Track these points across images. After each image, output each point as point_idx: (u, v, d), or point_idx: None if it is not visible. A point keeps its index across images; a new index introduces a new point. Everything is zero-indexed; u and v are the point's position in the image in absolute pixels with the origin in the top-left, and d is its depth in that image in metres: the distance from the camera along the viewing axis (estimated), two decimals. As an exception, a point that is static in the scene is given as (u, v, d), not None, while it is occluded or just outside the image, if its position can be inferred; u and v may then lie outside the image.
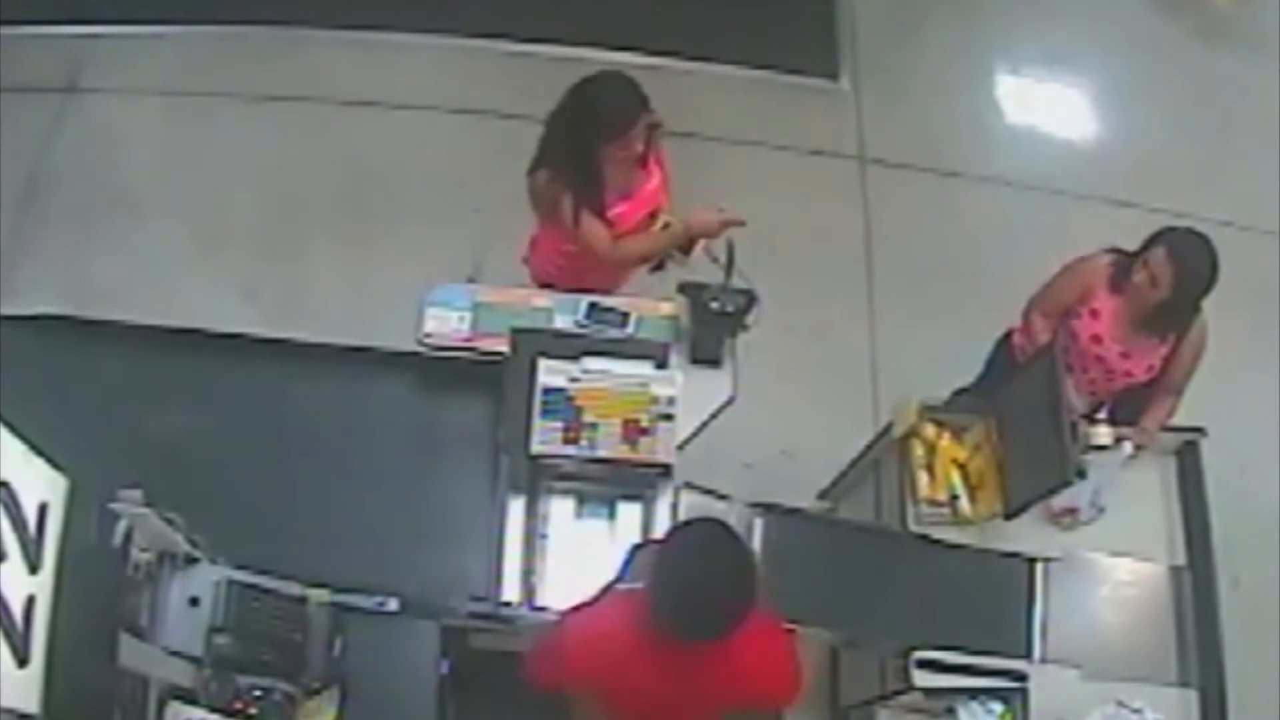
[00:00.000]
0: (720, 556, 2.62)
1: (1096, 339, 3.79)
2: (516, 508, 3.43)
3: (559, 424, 3.30)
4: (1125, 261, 3.72)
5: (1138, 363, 3.80)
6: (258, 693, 3.02)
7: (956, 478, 3.74)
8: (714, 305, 3.57)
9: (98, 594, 2.64)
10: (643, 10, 5.85)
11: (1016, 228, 5.31)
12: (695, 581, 2.59)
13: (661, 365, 3.45)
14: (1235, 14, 6.20)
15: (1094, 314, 3.79)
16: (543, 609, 3.35)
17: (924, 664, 3.48)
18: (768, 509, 3.61)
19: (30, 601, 2.31)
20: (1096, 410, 3.79)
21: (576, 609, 2.92)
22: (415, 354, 3.65)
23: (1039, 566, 3.60)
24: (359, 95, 5.52)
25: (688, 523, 2.81)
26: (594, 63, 5.57)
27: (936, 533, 3.69)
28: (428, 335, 3.64)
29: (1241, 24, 6.19)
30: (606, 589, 2.96)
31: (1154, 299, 3.63)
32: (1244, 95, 5.96)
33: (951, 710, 3.54)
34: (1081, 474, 3.47)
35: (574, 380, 3.32)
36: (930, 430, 3.80)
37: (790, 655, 2.88)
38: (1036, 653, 3.52)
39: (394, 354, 3.68)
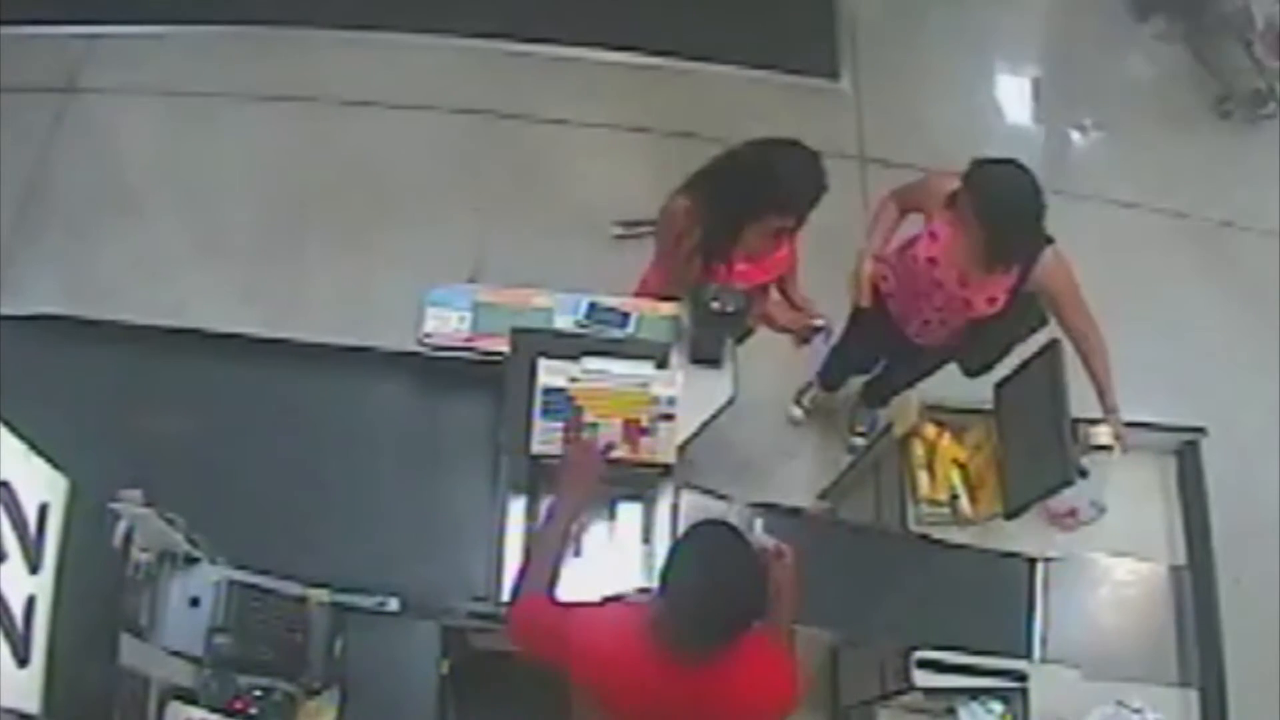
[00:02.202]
0: (725, 566, 2.61)
1: (933, 261, 3.74)
2: (516, 508, 3.42)
3: (559, 424, 3.29)
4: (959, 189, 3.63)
5: (976, 292, 3.71)
6: (258, 693, 3.02)
7: (957, 478, 3.74)
8: (714, 305, 3.57)
9: (98, 594, 2.63)
10: (643, 10, 5.86)
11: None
12: (700, 590, 2.59)
13: (662, 365, 3.45)
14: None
15: (932, 236, 3.74)
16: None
17: (924, 664, 3.49)
18: (768, 509, 3.61)
19: (31, 601, 2.31)
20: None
21: (586, 606, 2.92)
22: (415, 354, 3.64)
23: (1039, 566, 3.61)
24: (359, 95, 5.52)
25: (696, 527, 2.75)
26: (594, 63, 5.64)
27: (936, 533, 3.70)
28: (428, 335, 3.63)
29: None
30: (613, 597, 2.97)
31: (978, 235, 3.56)
32: (1243, 95, 5.96)
33: (952, 710, 3.55)
34: (1083, 474, 3.48)
35: (574, 380, 3.31)
36: (930, 430, 3.80)
37: (790, 672, 2.87)
38: (1036, 653, 3.53)
39: (394, 354, 3.67)
